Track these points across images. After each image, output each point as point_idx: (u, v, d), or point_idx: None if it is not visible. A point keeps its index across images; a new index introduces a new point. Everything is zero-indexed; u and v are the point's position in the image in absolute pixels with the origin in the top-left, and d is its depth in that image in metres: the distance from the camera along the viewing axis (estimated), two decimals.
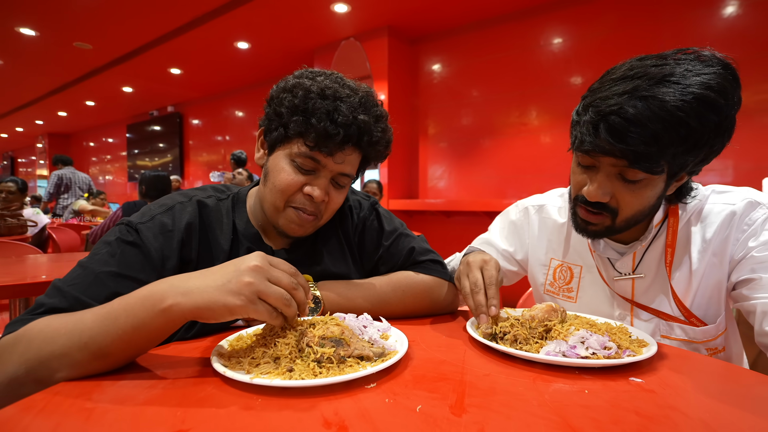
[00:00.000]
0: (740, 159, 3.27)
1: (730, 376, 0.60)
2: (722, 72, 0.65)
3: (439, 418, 0.44)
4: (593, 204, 0.77)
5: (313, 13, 4.36)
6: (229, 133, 7.59)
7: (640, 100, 0.64)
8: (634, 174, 0.71)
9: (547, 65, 4.13)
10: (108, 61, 6.08)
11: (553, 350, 0.61)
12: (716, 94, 0.63)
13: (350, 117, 0.73)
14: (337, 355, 0.55)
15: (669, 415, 0.46)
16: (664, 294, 0.85)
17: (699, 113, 0.63)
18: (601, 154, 0.71)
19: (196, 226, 0.77)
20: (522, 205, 1.09)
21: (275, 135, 0.78)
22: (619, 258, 0.88)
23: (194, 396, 0.48)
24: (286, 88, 0.77)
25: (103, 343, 0.53)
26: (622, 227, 0.79)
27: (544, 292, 1.03)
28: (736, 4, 3.23)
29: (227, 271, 0.55)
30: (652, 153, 0.66)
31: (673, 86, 0.63)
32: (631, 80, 0.67)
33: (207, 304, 0.53)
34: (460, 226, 4.44)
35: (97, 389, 0.51)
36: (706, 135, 0.65)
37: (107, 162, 10.71)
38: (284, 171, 0.77)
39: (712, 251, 0.80)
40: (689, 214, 0.83)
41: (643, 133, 0.64)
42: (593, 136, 0.70)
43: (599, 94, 0.70)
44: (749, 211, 0.77)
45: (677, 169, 0.70)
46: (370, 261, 0.93)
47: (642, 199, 0.74)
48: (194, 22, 4.73)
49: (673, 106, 0.63)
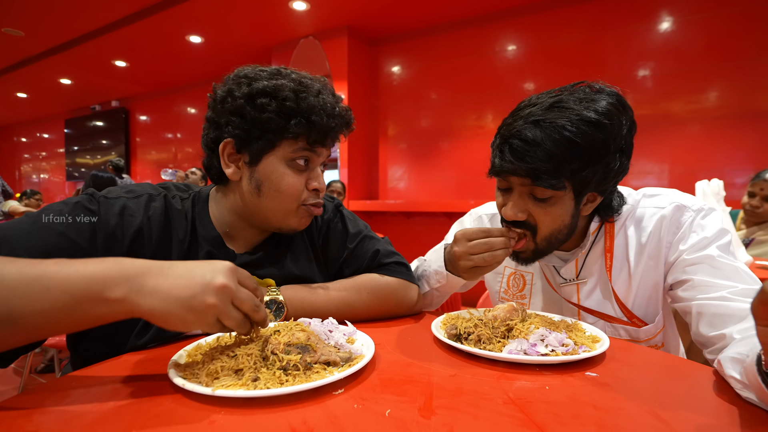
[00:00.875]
0: (674, 164, 3.55)
1: (673, 366, 0.65)
2: (608, 99, 0.74)
3: (409, 421, 0.44)
4: (513, 223, 0.83)
5: (270, 9, 4.26)
6: (180, 131, 7.25)
7: (535, 125, 0.74)
8: (542, 192, 0.77)
9: (502, 71, 4.28)
10: (43, 50, 5.62)
11: (515, 349, 0.63)
12: (600, 116, 0.72)
13: (337, 108, 0.78)
14: (304, 361, 0.54)
15: (623, 406, 0.49)
16: (607, 297, 0.90)
17: (584, 132, 0.71)
18: (509, 174, 0.78)
19: (158, 222, 0.74)
20: (476, 214, 1.12)
21: (260, 144, 0.75)
22: (563, 265, 0.93)
23: (150, 412, 0.46)
24: (255, 94, 0.73)
25: (17, 311, 0.45)
26: (546, 247, 0.84)
27: (499, 299, 1.07)
28: (671, 20, 3.50)
29: (193, 284, 0.50)
30: (550, 169, 0.73)
31: (564, 111, 0.73)
32: (529, 108, 0.77)
33: (162, 314, 0.49)
34: (420, 226, 4.50)
35: (39, 409, 0.46)
36: (596, 153, 0.73)
37: (42, 159, 9.90)
38: (287, 175, 0.76)
39: (647, 254, 0.85)
40: (624, 218, 0.89)
41: (539, 152, 0.73)
42: (500, 158, 0.78)
43: (506, 122, 0.80)
44: (677, 215, 0.83)
45: (580, 186, 0.77)
46: (335, 264, 0.92)
47: (554, 217, 0.80)
48: (143, 13, 4.48)
49: (561, 127, 0.72)
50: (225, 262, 0.54)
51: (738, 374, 0.52)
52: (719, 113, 3.38)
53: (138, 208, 0.73)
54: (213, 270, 0.52)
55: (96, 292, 0.48)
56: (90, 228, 0.67)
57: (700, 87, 3.42)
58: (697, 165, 3.43)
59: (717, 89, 3.38)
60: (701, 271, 0.76)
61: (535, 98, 0.79)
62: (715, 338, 0.69)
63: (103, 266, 0.50)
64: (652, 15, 3.55)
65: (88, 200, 0.70)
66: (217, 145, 0.77)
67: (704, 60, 3.38)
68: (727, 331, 0.67)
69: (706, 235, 0.79)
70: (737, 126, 3.32)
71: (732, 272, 0.74)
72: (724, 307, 0.70)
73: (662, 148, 3.52)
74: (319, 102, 0.74)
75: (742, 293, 0.70)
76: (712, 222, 0.81)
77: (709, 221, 0.81)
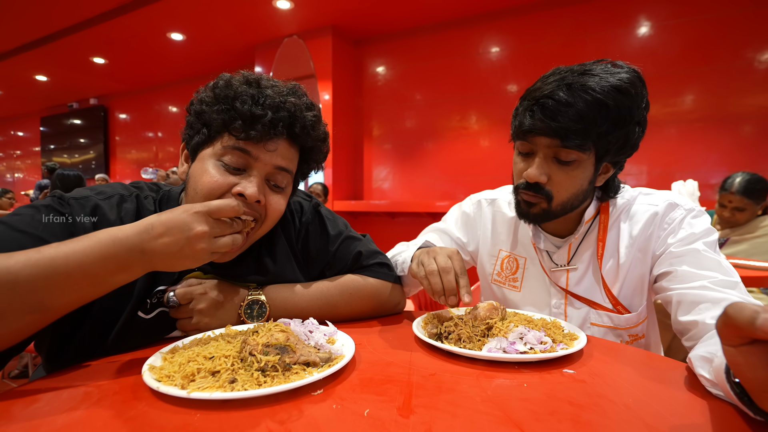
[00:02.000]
0: (652, 165, 3.64)
1: (649, 363, 0.66)
2: (632, 72, 0.79)
3: (387, 420, 0.44)
4: (532, 187, 0.84)
5: (254, 8, 4.22)
6: (161, 130, 7.12)
7: (567, 87, 0.77)
8: (567, 154, 0.80)
9: (485, 72, 4.32)
10: (18, 45, 5.45)
11: (495, 347, 0.63)
12: (627, 85, 0.76)
13: (277, 99, 0.71)
14: (282, 362, 0.54)
15: (598, 402, 0.50)
16: (595, 284, 0.93)
17: (615, 97, 0.75)
18: (537, 135, 0.81)
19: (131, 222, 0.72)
20: (475, 198, 1.15)
21: (197, 138, 0.73)
22: (556, 251, 0.96)
23: (123, 415, 0.44)
24: (207, 88, 0.73)
25: (48, 301, 0.53)
26: (558, 211, 0.86)
27: (491, 281, 1.08)
28: (648, 25, 3.59)
29: (178, 239, 0.57)
30: (580, 130, 0.76)
31: (593, 77, 0.77)
32: (559, 74, 0.80)
33: (173, 262, 0.58)
34: (404, 226, 4.51)
35: (4, 417, 0.45)
36: (622, 117, 0.77)
37: (17, 158, 9.60)
38: (207, 173, 0.69)
39: (637, 247, 0.89)
40: (618, 212, 0.92)
41: (571, 111, 0.76)
42: (530, 118, 0.80)
43: (533, 88, 0.83)
44: (669, 212, 0.87)
45: (603, 151, 0.80)
46: (317, 266, 0.91)
47: (575, 181, 0.83)
48: (123, 8, 4.38)
49: (593, 90, 0.75)
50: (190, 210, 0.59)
51: (707, 373, 0.54)
52: (695, 116, 3.48)
53: (111, 208, 0.71)
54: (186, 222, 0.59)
55: (113, 269, 0.55)
56: (64, 229, 0.65)
57: (676, 90, 3.52)
58: (674, 166, 3.52)
59: (693, 93, 3.49)
60: (685, 263, 0.79)
61: (564, 67, 0.82)
62: (690, 324, 0.72)
63: (110, 246, 0.55)
64: (631, 20, 3.64)
65: (58, 203, 0.68)
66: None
67: (680, 64, 3.48)
68: (700, 318, 0.70)
69: (694, 232, 0.82)
70: (712, 128, 3.43)
71: (715, 265, 0.76)
72: (701, 296, 0.72)
73: (640, 149, 3.56)
74: (252, 91, 0.70)
75: (721, 284, 0.72)
76: (702, 222, 0.84)
77: (698, 221, 0.84)
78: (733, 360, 0.40)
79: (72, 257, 0.53)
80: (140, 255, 0.56)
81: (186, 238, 0.57)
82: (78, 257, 0.53)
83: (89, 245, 0.54)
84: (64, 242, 0.54)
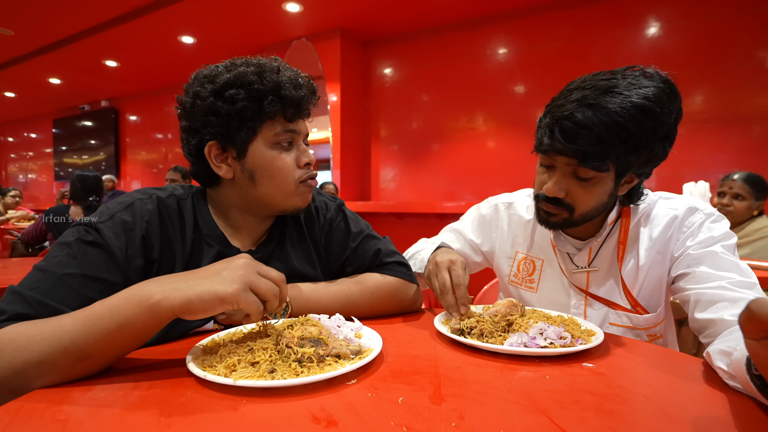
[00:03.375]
0: (661, 165, 3.58)
1: (666, 358, 0.68)
2: (661, 86, 0.76)
3: (421, 407, 0.47)
4: (552, 200, 0.86)
5: (263, 11, 4.26)
6: (171, 131, 7.20)
7: (588, 107, 0.75)
8: (585, 172, 0.80)
9: (493, 74, 4.34)
10: (33, 50, 5.54)
11: (516, 342, 0.66)
12: (652, 104, 0.74)
13: (299, 78, 0.80)
14: (317, 354, 0.57)
15: (618, 393, 0.52)
16: (615, 285, 0.95)
17: (636, 119, 0.73)
18: (556, 154, 0.81)
19: (157, 224, 0.75)
20: (493, 202, 1.17)
21: (242, 134, 0.76)
22: (577, 253, 0.98)
23: (175, 401, 0.48)
24: (221, 88, 0.74)
25: (86, 345, 0.53)
26: (578, 221, 0.88)
27: (508, 282, 1.11)
28: (657, 25, 3.59)
29: (218, 269, 0.58)
30: (598, 153, 0.76)
31: (616, 96, 0.74)
32: (582, 90, 0.78)
33: (198, 295, 0.54)
34: (412, 227, 4.53)
35: (68, 398, 0.48)
36: (644, 139, 0.75)
37: (29, 159, 9.74)
38: (278, 158, 0.78)
39: (656, 249, 0.91)
40: (639, 216, 0.94)
41: (590, 135, 0.75)
42: (549, 137, 0.81)
43: (557, 102, 0.82)
44: (689, 216, 0.89)
45: (623, 169, 0.80)
46: (337, 262, 0.94)
47: (594, 196, 0.84)
48: (134, 13, 4.45)
49: (614, 112, 0.73)
50: (241, 254, 0.63)
51: (725, 366, 0.56)
52: (704, 117, 3.47)
53: (133, 217, 0.72)
54: (232, 258, 0.61)
55: (135, 304, 0.54)
56: (99, 256, 0.66)
57: (685, 91, 3.46)
58: (684, 167, 3.52)
59: (702, 93, 3.48)
60: (704, 264, 0.81)
61: (590, 78, 0.80)
62: (708, 322, 0.73)
63: (136, 287, 0.57)
64: (640, 20, 3.64)
65: (85, 233, 0.68)
66: (201, 151, 0.77)
67: (690, 65, 3.47)
68: (718, 316, 0.71)
69: (713, 235, 0.84)
70: (722, 129, 3.42)
71: (733, 267, 0.78)
72: (719, 295, 0.74)
73: None
74: (283, 77, 0.77)
75: (739, 284, 0.74)
76: (721, 226, 0.86)
77: (717, 225, 0.86)
78: (756, 353, 0.42)
79: (105, 303, 0.55)
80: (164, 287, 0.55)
81: (226, 266, 0.58)
82: (110, 301, 0.55)
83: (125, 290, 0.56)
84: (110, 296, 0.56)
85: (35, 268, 0.63)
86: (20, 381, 0.51)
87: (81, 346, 0.52)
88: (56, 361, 0.52)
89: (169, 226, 0.77)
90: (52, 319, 0.55)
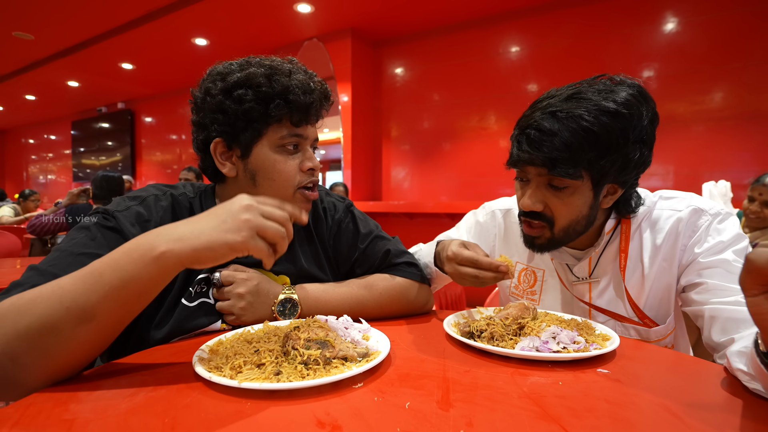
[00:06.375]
0: (679, 165, 3.55)
1: (683, 364, 0.66)
2: (629, 90, 0.75)
3: (429, 413, 0.46)
4: (530, 214, 0.84)
5: (275, 12, 4.29)
6: (185, 132, 7.30)
7: (551, 115, 0.76)
8: (559, 181, 0.79)
9: (505, 72, 4.29)
10: (52, 53, 5.67)
11: (528, 346, 0.64)
12: (618, 106, 0.73)
13: (311, 83, 0.79)
14: (323, 356, 0.56)
15: (635, 401, 0.50)
16: (619, 296, 0.90)
17: (603, 123, 0.73)
18: (526, 164, 0.81)
19: (170, 220, 0.76)
20: (489, 208, 1.12)
21: (247, 135, 0.77)
22: (576, 263, 0.94)
23: (179, 402, 0.47)
24: (230, 87, 0.75)
25: (88, 304, 0.50)
26: (563, 238, 0.85)
27: (509, 294, 1.08)
28: (675, 21, 3.50)
29: (219, 213, 0.55)
30: (566, 158, 0.75)
31: (582, 102, 0.75)
32: (548, 100, 0.79)
33: (206, 245, 0.51)
34: (423, 227, 4.50)
35: (74, 398, 0.48)
36: (614, 142, 0.74)
37: (49, 161, 9.98)
38: (280, 162, 0.78)
39: (662, 256, 0.86)
40: (640, 220, 0.89)
41: (556, 140, 0.75)
42: (518, 149, 0.81)
43: (525, 114, 0.83)
44: (694, 219, 0.84)
45: (598, 176, 0.78)
46: (346, 263, 0.94)
47: (572, 207, 0.81)
48: (149, 16, 4.52)
49: (579, 116, 0.73)
50: (241, 194, 0.58)
51: (744, 366, 0.53)
52: (724, 114, 3.38)
53: (149, 210, 0.76)
54: (233, 200, 0.57)
55: (138, 258, 0.51)
56: (116, 242, 0.66)
57: (704, 88, 3.43)
58: (702, 166, 3.43)
59: (722, 90, 3.39)
60: (716, 275, 0.76)
61: (555, 91, 0.81)
62: (728, 342, 0.68)
63: (135, 239, 0.54)
64: (657, 16, 3.56)
65: (103, 219, 0.71)
66: (208, 147, 0.79)
67: (709, 61, 3.38)
68: (738, 336, 0.67)
69: (723, 240, 0.79)
70: (742, 127, 3.32)
71: None
72: (737, 311, 0.70)
73: (667, 149, 3.52)
74: (293, 81, 0.76)
75: None
76: (729, 227, 0.81)
77: (726, 226, 0.81)
78: (758, 309, 0.41)
79: (105, 259, 0.53)
80: (168, 237, 0.52)
81: (228, 211, 0.54)
82: (110, 257, 0.53)
83: (124, 244, 0.54)
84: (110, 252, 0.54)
85: (55, 249, 0.65)
86: (24, 346, 0.48)
87: (83, 306, 0.50)
88: (58, 324, 0.49)
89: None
90: (51, 282, 0.53)
